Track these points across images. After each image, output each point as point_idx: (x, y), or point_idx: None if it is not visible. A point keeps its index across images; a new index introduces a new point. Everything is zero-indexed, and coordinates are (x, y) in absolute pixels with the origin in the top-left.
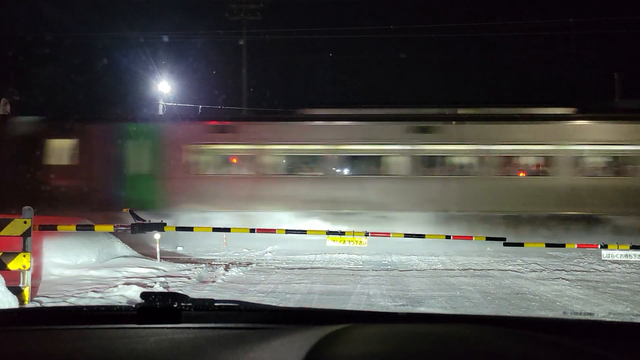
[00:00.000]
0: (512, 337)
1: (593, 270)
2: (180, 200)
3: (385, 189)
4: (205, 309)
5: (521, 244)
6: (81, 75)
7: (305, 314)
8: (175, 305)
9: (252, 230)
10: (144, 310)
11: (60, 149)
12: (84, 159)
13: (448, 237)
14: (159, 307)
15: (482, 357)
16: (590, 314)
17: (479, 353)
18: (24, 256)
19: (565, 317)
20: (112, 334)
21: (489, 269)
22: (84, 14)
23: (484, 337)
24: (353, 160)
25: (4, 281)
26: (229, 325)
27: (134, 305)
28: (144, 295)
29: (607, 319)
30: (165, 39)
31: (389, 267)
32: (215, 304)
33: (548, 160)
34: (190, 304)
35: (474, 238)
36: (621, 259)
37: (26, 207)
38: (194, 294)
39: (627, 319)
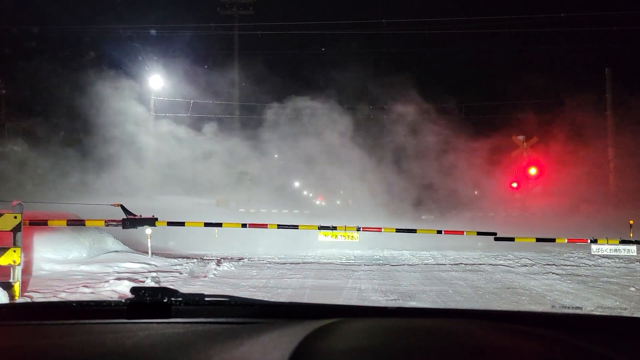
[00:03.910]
0: (502, 331)
1: (583, 264)
2: None
3: None
4: (195, 304)
5: (512, 239)
6: (68, 69)
7: (295, 309)
8: (165, 300)
9: (244, 225)
10: (134, 305)
11: None
12: None
13: (439, 232)
14: (149, 302)
15: (472, 350)
16: (578, 307)
17: (469, 347)
18: (14, 251)
19: (554, 311)
20: (102, 328)
21: (480, 264)
22: (71, 7)
23: (474, 331)
24: None
25: None
26: (219, 320)
27: (124, 300)
28: (134, 290)
29: (596, 313)
30: (154, 32)
31: (381, 261)
32: (206, 299)
33: None
34: (180, 299)
35: (465, 233)
36: (610, 254)
37: (16, 202)
38: (185, 289)
39: (616, 312)
